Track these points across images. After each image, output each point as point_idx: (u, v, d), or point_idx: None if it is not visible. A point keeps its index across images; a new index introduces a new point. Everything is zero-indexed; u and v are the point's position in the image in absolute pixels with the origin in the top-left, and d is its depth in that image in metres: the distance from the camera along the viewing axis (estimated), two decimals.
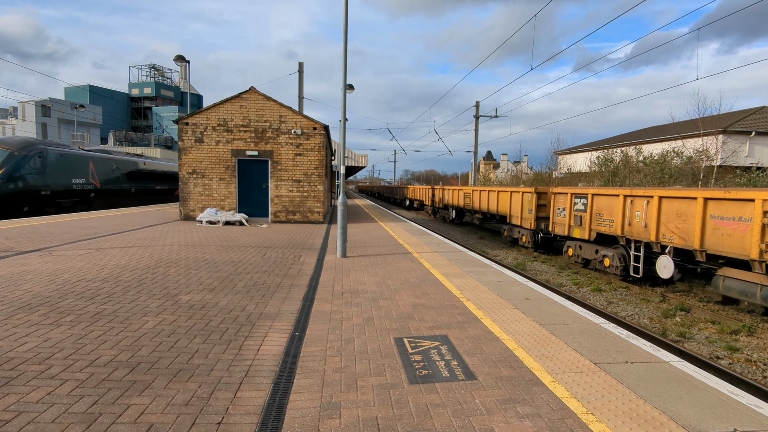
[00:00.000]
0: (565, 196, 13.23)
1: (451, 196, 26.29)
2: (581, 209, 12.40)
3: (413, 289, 6.52)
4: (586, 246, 12.51)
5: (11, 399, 3.01)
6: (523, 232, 16.42)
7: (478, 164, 51.77)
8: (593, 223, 11.88)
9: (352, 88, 21.96)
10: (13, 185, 17.55)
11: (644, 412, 3.07)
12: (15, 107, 51.81)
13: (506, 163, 74.37)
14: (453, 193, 26.12)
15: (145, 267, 7.47)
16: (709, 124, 26.37)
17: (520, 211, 16.22)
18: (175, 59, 21.59)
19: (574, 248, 13.08)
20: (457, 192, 25.01)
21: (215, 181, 15.88)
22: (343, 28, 9.41)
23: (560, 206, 13.49)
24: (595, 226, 11.82)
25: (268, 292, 6.10)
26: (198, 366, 3.64)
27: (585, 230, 12.23)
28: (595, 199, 11.86)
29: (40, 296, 5.50)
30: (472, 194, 21.88)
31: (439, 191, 29.80)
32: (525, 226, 16.01)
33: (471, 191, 22.22)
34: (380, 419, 2.91)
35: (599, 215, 11.66)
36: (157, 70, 71.40)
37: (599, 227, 11.68)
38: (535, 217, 15.17)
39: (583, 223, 12.32)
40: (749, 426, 2.91)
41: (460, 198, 24.32)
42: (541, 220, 15.01)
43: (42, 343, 4.00)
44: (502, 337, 4.50)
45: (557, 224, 13.70)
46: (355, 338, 4.40)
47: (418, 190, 39.08)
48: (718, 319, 8.51)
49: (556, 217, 13.76)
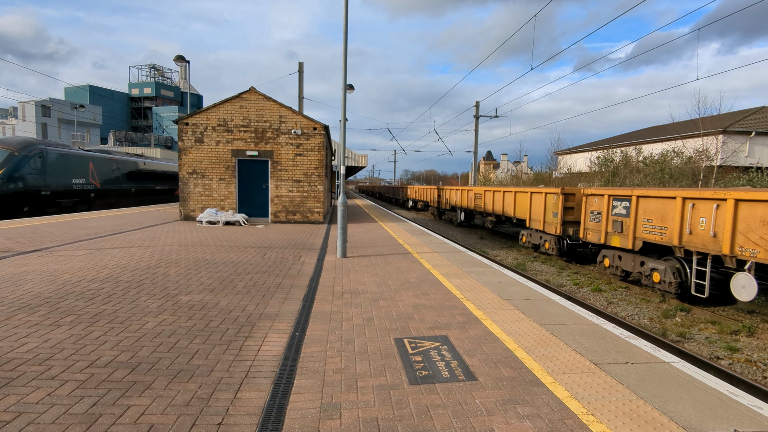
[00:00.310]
0: (601, 198, 11.52)
1: (460, 197, 24.35)
2: (622, 213, 10.72)
3: (413, 289, 6.52)
4: (627, 256, 10.82)
5: (11, 400, 3.01)
6: (545, 238, 14.68)
7: (478, 164, 51.74)
8: (638, 230, 10.19)
9: (352, 88, 21.97)
10: (14, 185, 17.55)
11: (645, 412, 3.07)
12: (15, 107, 51.83)
13: (506, 163, 74.39)
14: (461, 194, 24.08)
15: (145, 267, 7.47)
16: (710, 124, 26.38)
17: (542, 214, 14.47)
18: (175, 59, 21.59)
19: (612, 258, 11.41)
20: (467, 192, 23.04)
21: (215, 181, 15.88)
22: (344, 28, 9.42)
23: (594, 210, 11.79)
24: (642, 234, 10.10)
25: (268, 293, 6.10)
26: (198, 367, 3.64)
27: (627, 238, 10.50)
28: (641, 202, 10.15)
29: (41, 297, 5.50)
30: (484, 195, 20.14)
31: (446, 192, 27.85)
32: (548, 232, 14.26)
33: (483, 192, 20.37)
34: (381, 420, 2.91)
35: (647, 221, 9.93)
36: (157, 70, 71.41)
37: (647, 235, 9.92)
38: (562, 222, 13.37)
39: (624, 230, 10.61)
40: (749, 426, 2.91)
41: (469, 199, 22.42)
42: (569, 224, 13.29)
43: (42, 344, 4.00)
44: (503, 338, 4.50)
45: (590, 230, 11.99)
46: (356, 339, 4.40)
47: (422, 191, 36.82)
48: (718, 319, 8.51)
49: (589, 222, 12.03)
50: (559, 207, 13.46)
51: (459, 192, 24.77)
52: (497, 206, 18.58)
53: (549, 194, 14.18)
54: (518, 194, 16.65)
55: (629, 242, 10.52)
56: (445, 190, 28.45)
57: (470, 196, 22.36)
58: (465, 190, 23.64)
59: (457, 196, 24.96)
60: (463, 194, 23.87)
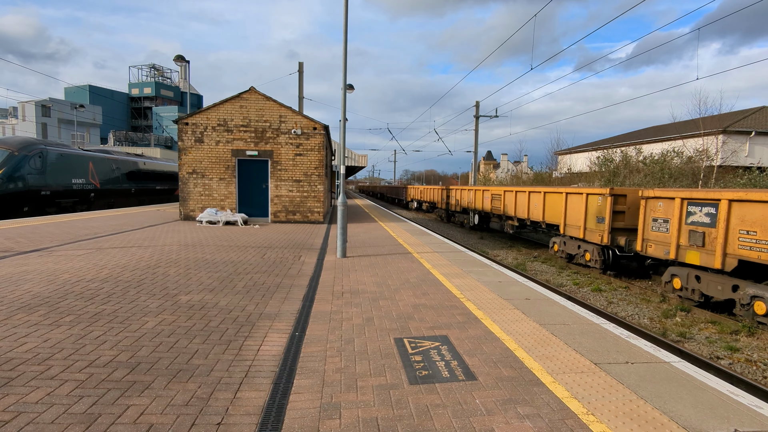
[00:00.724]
0: (669, 202, 9.34)
1: (473, 198, 21.74)
2: (704, 222, 8.50)
3: (413, 289, 6.51)
4: (711, 278, 8.55)
5: (11, 399, 3.00)
6: (585, 247, 12.49)
7: (478, 164, 51.70)
8: (731, 244, 7.96)
9: (352, 88, 21.97)
10: (13, 185, 17.55)
11: (645, 412, 3.06)
12: (15, 107, 51.83)
13: (506, 163, 74.37)
14: (475, 195, 21.42)
15: (144, 267, 7.47)
16: (710, 124, 26.39)
17: (582, 219, 12.28)
18: (175, 59, 21.59)
19: (685, 279, 9.12)
20: (481, 193, 20.50)
21: (215, 181, 15.88)
22: (344, 28, 9.41)
23: (659, 216, 9.67)
24: (737, 250, 7.87)
25: (268, 293, 6.10)
26: (198, 366, 3.64)
27: (713, 255, 8.24)
28: (736, 208, 7.88)
29: (40, 296, 5.50)
30: (504, 197, 17.80)
31: (456, 192, 25.12)
32: (591, 240, 12.00)
33: (502, 192, 18.01)
34: (380, 420, 2.90)
35: (747, 233, 7.70)
36: (157, 70, 71.42)
37: (746, 252, 7.69)
38: (610, 229, 11.19)
39: (707, 244, 8.44)
40: (750, 426, 2.91)
41: (485, 200, 20.01)
42: (618, 232, 11.21)
43: (42, 344, 3.99)
44: (503, 338, 4.49)
45: (652, 242, 9.85)
46: (356, 338, 4.40)
47: (428, 191, 33.52)
48: (718, 319, 8.50)
49: (650, 232, 9.89)
50: (607, 211, 11.28)
51: (472, 192, 22.05)
52: (521, 209, 16.25)
53: (592, 195, 12.01)
54: (549, 195, 14.27)
55: (716, 260, 8.19)
56: (455, 190, 25.65)
57: (486, 197, 19.92)
58: (480, 190, 20.88)
59: (470, 196, 22.31)
60: (477, 195, 21.22)
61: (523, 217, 16.08)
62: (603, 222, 11.45)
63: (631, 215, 11.13)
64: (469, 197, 22.50)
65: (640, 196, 10.27)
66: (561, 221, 13.43)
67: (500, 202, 18.12)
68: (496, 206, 18.67)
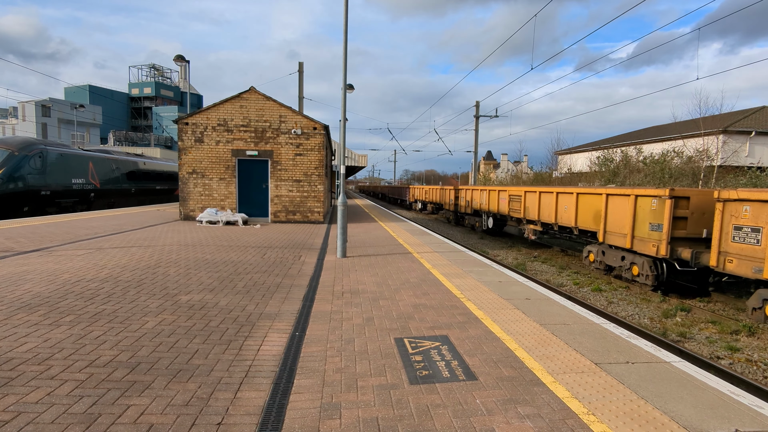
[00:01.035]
0: (762, 206, 7.65)
1: (487, 199, 19.92)
2: None
3: (413, 289, 6.51)
4: None
5: (11, 399, 3.00)
6: (633, 259, 10.64)
7: (479, 164, 51.69)
8: None
9: (352, 88, 21.96)
10: (13, 185, 17.55)
11: (645, 412, 3.06)
12: (15, 107, 51.83)
13: (506, 163, 74.37)
14: (489, 196, 19.62)
15: (145, 267, 7.46)
16: (710, 124, 26.39)
17: (629, 225, 10.41)
18: (175, 59, 21.58)
19: None
20: (497, 194, 18.67)
21: (215, 181, 15.88)
22: (344, 28, 9.41)
23: (744, 224, 7.95)
24: None
25: (268, 292, 6.10)
26: (198, 366, 3.63)
27: None
28: None
29: (40, 296, 5.50)
30: (525, 198, 15.79)
31: (467, 192, 22.99)
32: (641, 251, 10.17)
33: (522, 193, 16.04)
34: (381, 420, 2.90)
35: None
36: (157, 70, 71.42)
37: None
38: (669, 238, 9.34)
39: None
40: (750, 426, 2.91)
41: (501, 202, 18.15)
42: (679, 242, 9.38)
43: (42, 344, 3.99)
44: (503, 338, 4.49)
45: (733, 256, 8.11)
46: (356, 338, 4.40)
47: (434, 191, 31.03)
48: (719, 319, 8.50)
49: (731, 243, 8.16)
50: (666, 216, 9.36)
51: (485, 193, 20.14)
52: (546, 212, 14.31)
53: (644, 197, 10.05)
54: (584, 197, 12.25)
55: None
56: (465, 190, 23.39)
57: (502, 198, 18.05)
58: (495, 190, 19.03)
59: (483, 197, 20.44)
60: (491, 196, 19.35)
61: (549, 221, 14.10)
62: (660, 230, 9.55)
63: (695, 222, 9.39)
64: (482, 198, 20.59)
65: (716, 198, 8.49)
66: (599, 227, 11.54)
67: (520, 203, 16.19)
68: (514, 208, 16.76)
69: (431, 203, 32.19)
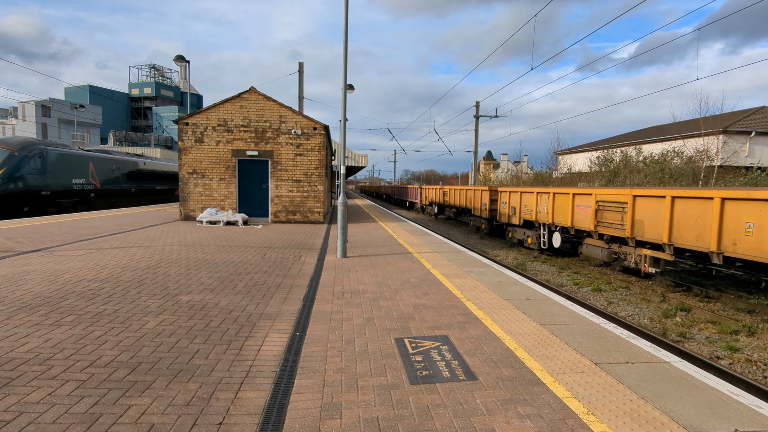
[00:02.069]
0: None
1: (549, 207, 13.95)
2: None
3: (414, 289, 6.52)
4: None
5: (12, 399, 3.01)
6: None
7: (478, 164, 51.67)
8: None
9: (352, 88, 21.97)
10: (14, 185, 17.55)
11: (645, 412, 3.07)
12: (15, 107, 51.84)
13: (506, 163, 74.40)
14: (554, 201, 13.74)
15: (145, 267, 7.47)
16: (710, 124, 26.40)
17: None
18: (175, 59, 21.59)
19: None
20: (571, 199, 12.84)
21: (215, 181, 15.89)
22: (344, 28, 9.42)
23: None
24: None
25: (268, 293, 6.10)
26: (199, 366, 3.64)
27: None
28: None
29: (41, 296, 5.50)
30: (634, 206, 10.48)
31: (511, 196, 16.89)
32: None
33: (630, 198, 10.56)
34: (381, 420, 2.91)
35: None
36: (157, 70, 71.42)
37: None
38: None
39: None
40: (750, 426, 2.91)
41: (579, 211, 12.55)
42: None
43: (43, 344, 4.00)
44: (503, 338, 4.50)
45: None
46: (356, 338, 4.40)
47: (457, 193, 24.63)
48: (718, 319, 8.51)
49: None
50: None
51: (547, 198, 14.18)
52: (686, 229, 9.02)
53: None
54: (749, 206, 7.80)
55: None
56: (509, 193, 17.22)
57: (583, 205, 12.38)
58: (567, 193, 13.13)
59: (543, 204, 14.41)
60: (559, 202, 13.52)
61: (691, 245, 8.94)
62: None
63: None
64: (540, 204, 14.69)
65: None
66: None
67: (622, 214, 10.83)
68: (609, 221, 11.36)
69: (452, 207, 25.72)
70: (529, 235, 16.07)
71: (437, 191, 29.36)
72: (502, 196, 18.16)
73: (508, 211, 17.36)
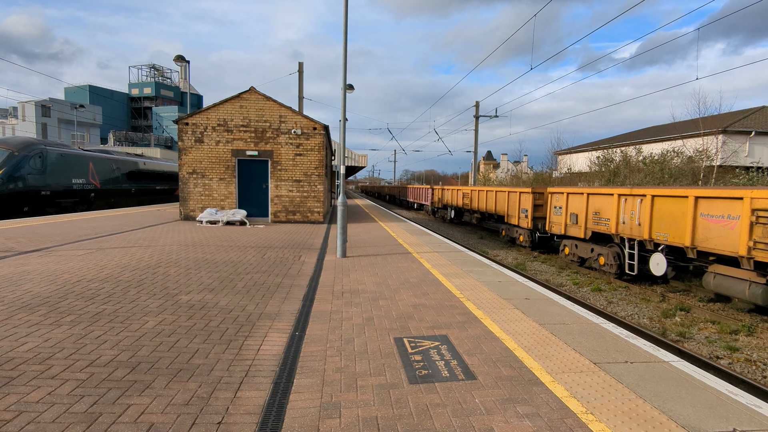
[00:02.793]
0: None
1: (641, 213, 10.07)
2: None
3: (413, 289, 6.52)
4: None
5: (12, 399, 3.01)
6: None
7: (478, 164, 51.64)
8: None
9: (352, 88, 21.98)
10: (14, 185, 17.56)
11: (644, 411, 3.07)
12: (15, 107, 51.84)
13: (506, 163, 74.36)
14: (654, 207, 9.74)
15: (145, 267, 7.48)
16: (710, 124, 26.40)
17: None
18: (175, 59, 21.59)
19: None
20: (688, 204, 8.80)
21: (215, 181, 15.89)
22: (343, 28, 9.42)
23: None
24: None
25: (268, 292, 6.11)
26: (198, 366, 3.65)
27: None
28: None
29: (41, 296, 5.51)
30: None
31: (570, 199, 12.79)
32: None
33: None
34: (380, 419, 2.91)
35: None
36: (157, 70, 71.43)
37: None
38: None
39: None
40: (749, 425, 2.92)
41: (719, 224, 8.23)
42: None
43: (42, 343, 4.00)
44: (502, 337, 4.50)
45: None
46: (355, 338, 4.41)
47: (479, 195, 20.34)
48: (718, 318, 8.51)
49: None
50: None
51: (637, 202, 10.19)
52: None
53: None
54: None
55: None
56: (558, 195, 13.41)
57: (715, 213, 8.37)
58: (681, 196, 9.09)
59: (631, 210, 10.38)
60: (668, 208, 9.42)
61: None
62: None
63: None
64: (624, 212, 10.57)
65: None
66: None
67: None
68: None
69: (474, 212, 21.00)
70: (601, 253, 11.56)
71: (454, 193, 24.87)
72: (553, 199, 13.76)
73: (564, 220, 12.86)
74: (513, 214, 16.78)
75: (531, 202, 15.30)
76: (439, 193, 28.71)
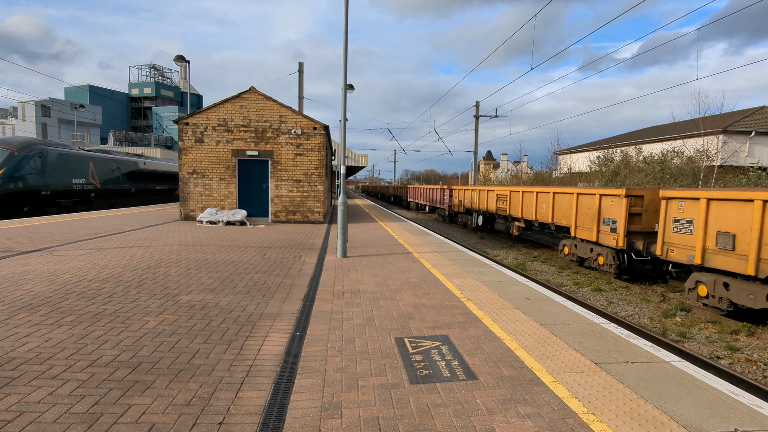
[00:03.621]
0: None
1: None
2: None
3: (414, 289, 6.52)
4: None
5: (13, 399, 3.01)
6: None
7: (478, 164, 51.63)
8: None
9: (352, 88, 21.97)
10: (14, 185, 17.55)
11: (645, 411, 3.07)
12: (15, 107, 51.83)
13: (506, 163, 74.37)
14: None
15: (145, 267, 7.47)
16: (710, 124, 26.40)
17: None
18: (175, 59, 21.59)
19: None
20: None
21: (215, 181, 15.89)
22: (344, 29, 9.42)
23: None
24: None
25: (268, 292, 6.11)
26: (199, 366, 3.65)
27: None
28: None
29: (41, 296, 5.51)
30: None
31: (712, 207, 8.12)
32: None
33: None
34: (381, 419, 2.91)
35: None
36: (157, 70, 71.39)
37: None
38: None
39: None
40: (750, 426, 2.92)
41: None
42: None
43: (43, 343, 4.00)
44: (503, 337, 4.50)
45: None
46: (356, 338, 4.41)
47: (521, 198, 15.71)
48: (718, 319, 8.51)
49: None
50: None
51: None
52: None
53: None
54: None
55: None
56: (689, 201, 8.63)
57: None
58: None
59: None
60: None
61: None
62: None
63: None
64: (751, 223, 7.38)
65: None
66: None
67: None
68: None
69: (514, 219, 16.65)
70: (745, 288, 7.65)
71: (483, 194, 19.72)
72: (671, 208, 9.09)
73: (699, 242, 8.38)
74: (587, 225, 12.08)
75: (624, 209, 10.60)
76: (461, 194, 23.22)
